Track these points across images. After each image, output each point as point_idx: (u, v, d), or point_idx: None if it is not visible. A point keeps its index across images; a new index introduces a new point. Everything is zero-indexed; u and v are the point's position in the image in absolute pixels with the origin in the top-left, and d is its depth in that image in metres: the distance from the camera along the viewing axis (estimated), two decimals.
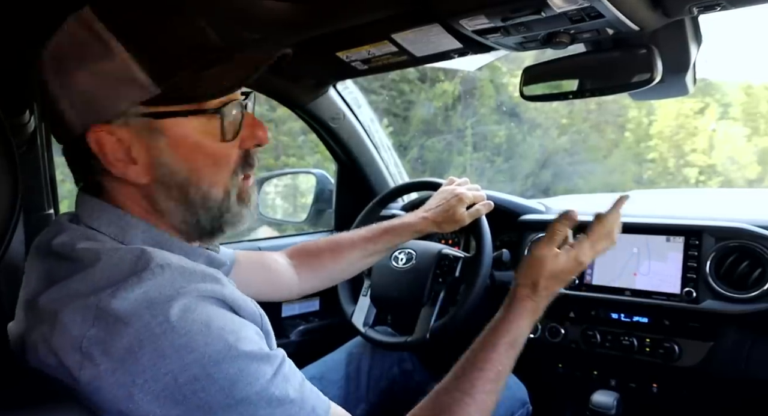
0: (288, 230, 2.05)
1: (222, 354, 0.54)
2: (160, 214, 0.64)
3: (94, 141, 0.60)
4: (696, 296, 1.12)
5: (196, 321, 0.54)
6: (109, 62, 0.58)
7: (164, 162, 0.61)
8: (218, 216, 0.66)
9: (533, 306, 0.81)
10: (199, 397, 0.53)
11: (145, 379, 0.51)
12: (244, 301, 0.61)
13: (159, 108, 0.60)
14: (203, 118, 0.62)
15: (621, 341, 1.21)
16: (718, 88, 7.09)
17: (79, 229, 0.62)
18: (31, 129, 1.06)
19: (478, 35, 0.93)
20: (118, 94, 0.58)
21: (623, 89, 0.99)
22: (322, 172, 1.85)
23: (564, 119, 7.21)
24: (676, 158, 6.94)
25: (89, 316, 0.53)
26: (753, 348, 1.10)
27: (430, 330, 1.20)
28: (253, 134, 0.67)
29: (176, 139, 0.61)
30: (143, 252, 0.57)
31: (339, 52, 1.15)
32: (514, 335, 0.79)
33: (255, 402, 0.55)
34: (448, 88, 6.78)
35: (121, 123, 0.60)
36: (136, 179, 0.62)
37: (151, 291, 0.53)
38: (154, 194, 0.63)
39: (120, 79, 0.58)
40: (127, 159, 0.61)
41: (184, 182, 0.63)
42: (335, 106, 1.56)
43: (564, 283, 0.84)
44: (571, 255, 0.83)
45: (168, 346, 0.52)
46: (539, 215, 1.42)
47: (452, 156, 6.65)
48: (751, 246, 1.09)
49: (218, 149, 0.64)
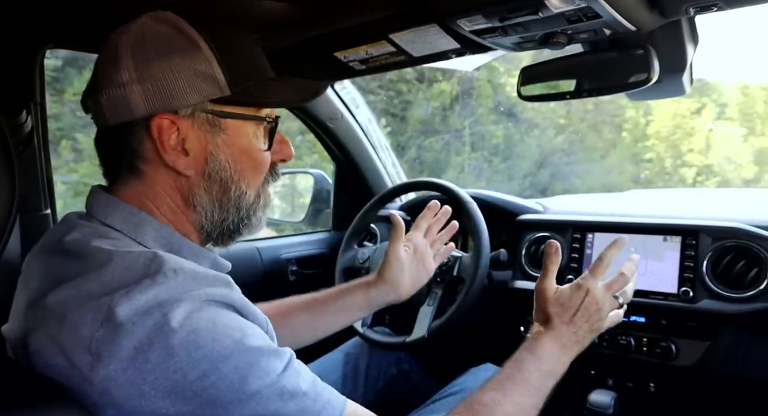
0: (286, 230, 2.05)
1: (230, 350, 0.55)
2: (191, 208, 0.68)
3: (157, 127, 0.63)
4: (693, 295, 1.12)
5: (202, 319, 0.55)
6: (194, 59, 0.64)
7: (216, 157, 0.66)
8: (245, 218, 0.71)
9: (551, 334, 0.82)
10: (210, 393, 0.54)
11: (155, 377, 0.52)
12: (251, 307, 0.62)
13: (225, 108, 0.66)
14: (256, 125, 0.69)
15: (618, 340, 1.21)
16: (714, 88, 7.12)
17: (91, 226, 0.63)
18: (28, 129, 1.06)
19: (476, 35, 0.94)
20: (195, 88, 0.64)
21: (620, 89, 0.99)
22: (320, 172, 1.85)
23: (561, 119, 7.23)
24: (673, 158, 6.96)
25: (99, 316, 0.53)
26: (750, 348, 1.11)
27: (429, 329, 1.20)
28: (281, 149, 0.74)
29: (232, 138, 0.67)
30: (156, 256, 0.58)
31: (337, 52, 1.15)
32: (539, 356, 0.80)
33: (266, 396, 0.56)
34: (446, 89, 6.79)
35: (188, 114, 0.64)
36: (184, 169, 0.65)
37: (163, 294, 0.54)
38: (194, 187, 0.67)
39: (201, 76, 0.64)
40: (180, 149, 0.65)
41: (228, 179, 0.67)
42: (333, 106, 1.56)
43: (582, 314, 0.83)
44: (573, 285, 0.85)
45: (176, 344, 0.53)
46: (537, 214, 1.42)
47: (450, 156, 6.66)
48: (747, 246, 1.09)
49: (261, 155, 0.70)
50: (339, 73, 1.37)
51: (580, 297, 0.84)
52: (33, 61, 1.08)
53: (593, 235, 1.28)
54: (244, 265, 1.54)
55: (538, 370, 0.79)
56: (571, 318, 0.83)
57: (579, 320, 0.83)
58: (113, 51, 0.64)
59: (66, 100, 3.89)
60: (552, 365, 0.80)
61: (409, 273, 1.03)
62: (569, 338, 0.83)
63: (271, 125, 0.71)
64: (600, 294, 0.85)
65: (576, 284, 0.85)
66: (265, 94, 0.68)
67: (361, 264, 1.38)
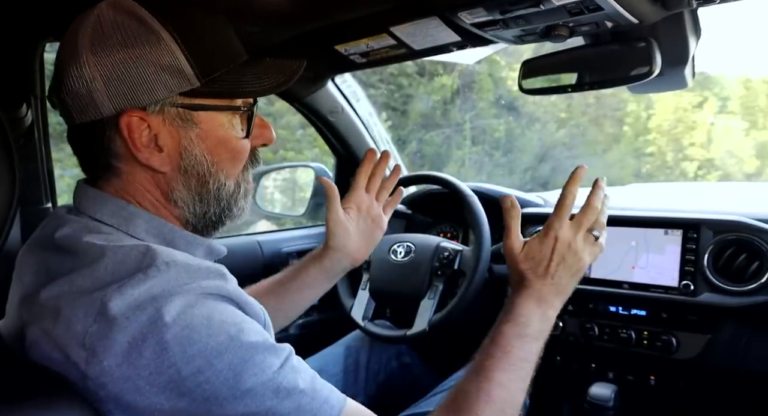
0: (287, 224, 2.05)
1: (224, 346, 0.54)
2: (171, 203, 0.66)
3: (126, 125, 0.61)
4: (694, 289, 1.12)
5: (197, 315, 0.54)
6: (157, 51, 0.60)
7: (191, 152, 0.64)
8: (226, 208, 0.69)
9: (527, 292, 0.76)
10: (204, 389, 0.53)
11: (149, 372, 0.52)
12: (249, 298, 0.61)
13: (195, 100, 0.63)
14: (231, 114, 0.66)
15: (619, 334, 1.22)
16: (716, 81, 7.09)
17: (81, 221, 0.62)
18: (28, 123, 1.06)
19: (477, 28, 0.93)
20: (161, 82, 0.61)
21: (622, 82, 0.99)
22: (320, 165, 1.85)
23: (563, 112, 7.21)
24: (675, 152, 6.95)
25: (92, 311, 0.53)
26: (750, 341, 1.11)
27: (429, 323, 1.20)
28: (261, 133, 0.72)
29: (206, 131, 0.64)
30: (148, 249, 0.57)
31: (337, 46, 1.14)
32: (518, 321, 0.74)
33: (261, 393, 0.55)
34: (447, 82, 6.77)
35: (157, 110, 0.62)
36: (159, 166, 0.63)
37: (155, 288, 0.54)
38: (172, 182, 0.65)
39: (165, 68, 0.60)
40: (153, 146, 0.63)
41: (205, 172, 0.65)
42: (334, 99, 1.56)
43: (557, 263, 0.76)
44: (540, 234, 0.78)
45: (170, 339, 0.52)
46: (538, 208, 1.42)
47: (451, 150, 6.65)
48: (749, 239, 1.09)
49: (239, 144, 0.68)
50: (339, 67, 1.36)
51: (549, 246, 0.76)
52: (33, 55, 1.07)
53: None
54: (245, 259, 1.54)
55: (521, 337, 0.73)
56: (545, 270, 0.76)
57: (555, 269, 0.76)
58: (72, 45, 0.61)
59: None
60: (536, 326, 0.74)
61: (359, 235, 0.97)
62: (548, 291, 0.76)
63: (248, 112, 0.68)
64: (570, 236, 0.76)
65: (542, 233, 0.77)
66: (238, 82, 0.65)
67: None
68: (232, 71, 0.65)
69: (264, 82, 0.67)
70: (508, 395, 0.70)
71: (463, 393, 0.69)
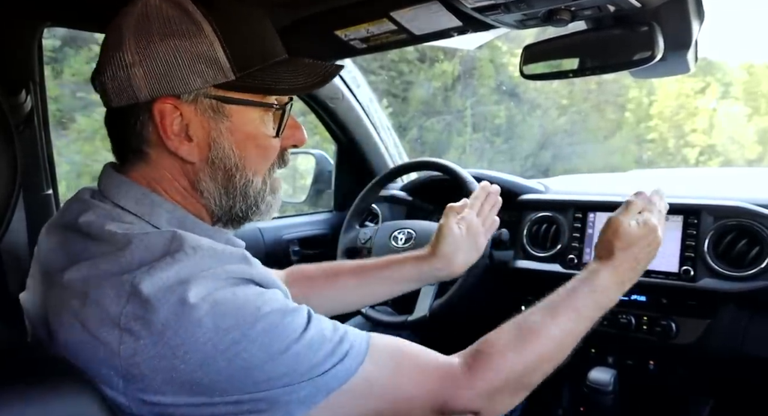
0: (288, 211, 2.05)
1: (254, 315, 0.56)
2: (198, 194, 0.67)
3: (159, 111, 0.62)
4: (694, 274, 1.13)
5: (224, 295, 0.56)
6: (197, 41, 0.61)
7: (220, 144, 0.65)
8: (253, 204, 0.70)
9: (612, 266, 0.81)
10: (243, 358, 0.55)
11: (185, 350, 0.53)
12: (271, 278, 0.63)
13: (231, 94, 0.64)
14: (263, 111, 0.67)
15: (619, 319, 1.22)
16: (719, 67, 7.04)
17: (105, 207, 0.63)
18: (27, 109, 1.05)
19: (478, 13, 0.92)
20: (198, 72, 0.62)
21: (624, 67, 0.98)
22: (321, 152, 1.85)
23: (564, 99, 7.18)
24: (676, 138, 6.92)
25: (123, 293, 0.54)
26: (749, 326, 1.12)
27: (430, 309, 1.21)
28: (293, 134, 0.72)
29: (237, 125, 0.65)
30: (174, 235, 0.58)
31: (337, 31, 1.13)
32: (594, 287, 0.79)
33: (296, 351, 0.57)
34: (448, 69, 6.72)
35: (191, 99, 0.63)
36: (187, 155, 0.64)
37: (183, 271, 0.55)
38: (199, 173, 0.66)
39: (203, 59, 0.62)
40: (183, 135, 0.64)
41: (232, 166, 0.66)
42: (334, 86, 1.55)
43: (642, 249, 0.83)
44: (641, 221, 0.84)
45: (203, 316, 0.54)
46: (538, 194, 1.42)
47: (452, 137, 6.63)
48: (749, 225, 1.09)
49: (268, 142, 0.68)
50: (339, 52, 1.35)
51: (645, 233, 0.83)
52: (31, 40, 1.07)
53: (595, 215, 1.28)
54: (246, 245, 1.54)
55: (591, 299, 0.78)
56: (635, 254, 0.83)
57: (641, 257, 0.83)
58: (117, 32, 0.63)
59: (65, 80, 3.86)
60: (605, 297, 0.80)
61: (465, 251, 1.01)
62: (628, 274, 0.83)
63: (281, 110, 0.69)
64: (660, 228, 0.85)
65: (645, 222, 0.84)
66: (272, 79, 0.66)
67: (362, 244, 1.39)
68: (267, 69, 0.66)
69: (298, 81, 0.67)
70: (566, 338, 0.75)
71: (530, 321, 0.74)
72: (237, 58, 0.63)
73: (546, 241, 1.33)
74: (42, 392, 0.49)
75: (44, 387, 0.50)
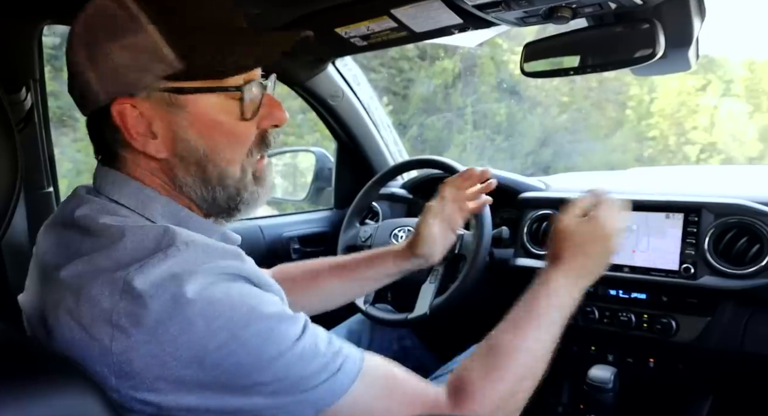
0: (288, 209, 2.05)
1: (248, 317, 0.56)
2: (179, 189, 0.66)
3: (117, 113, 0.61)
4: (694, 272, 1.13)
5: (217, 291, 0.55)
6: (137, 36, 0.59)
7: (184, 138, 0.63)
8: (235, 195, 0.67)
9: (561, 267, 0.80)
10: (231, 360, 0.54)
11: (176, 348, 0.53)
12: (264, 277, 0.62)
13: (182, 83, 0.61)
14: (224, 95, 0.63)
15: (619, 317, 1.22)
16: (720, 64, 7.02)
17: (99, 202, 0.63)
18: (27, 106, 1.05)
19: (479, 10, 0.92)
20: (144, 68, 0.60)
21: (625, 65, 0.98)
22: (321, 150, 1.85)
23: (565, 97, 7.16)
24: (677, 136, 6.91)
25: (116, 289, 0.54)
26: (750, 324, 1.12)
27: (430, 307, 1.21)
28: (271, 114, 0.67)
29: (196, 115, 0.62)
30: (167, 229, 0.58)
31: (338, 28, 1.13)
32: (549, 291, 0.79)
33: (287, 360, 0.57)
34: (448, 66, 6.71)
35: (144, 97, 0.61)
36: (155, 153, 0.63)
37: (176, 266, 0.55)
38: (174, 168, 0.64)
39: (147, 54, 0.59)
40: (148, 133, 0.62)
41: (202, 158, 0.64)
42: (334, 83, 1.55)
43: (591, 244, 0.81)
44: (590, 220, 0.82)
45: (195, 315, 0.53)
46: (539, 192, 1.42)
47: (452, 134, 6.62)
48: (750, 222, 1.09)
49: (237, 128, 0.65)
50: (340, 50, 1.36)
51: (592, 230, 0.81)
52: (31, 38, 1.07)
53: None
54: (247, 243, 1.52)
55: (550, 305, 0.77)
56: (584, 251, 0.81)
57: (591, 252, 0.81)
58: (72, 38, 0.62)
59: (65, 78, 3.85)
60: (564, 299, 0.79)
61: (440, 243, 1.04)
62: (581, 271, 0.81)
63: (258, 90, 0.65)
64: (609, 221, 0.82)
65: (590, 217, 0.83)
66: (222, 60, 0.61)
67: (363, 242, 1.39)
68: (221, 50, 0.61)
69: (245, 59, 0.62)
70: (538, 351, 0.74)
71: (498, 344, 0.73)
72: (180, 46, 0.59)
73: (546, 239, 1.33)
74: (46, 389, 0.49)
75: (48, 385, 0.50)
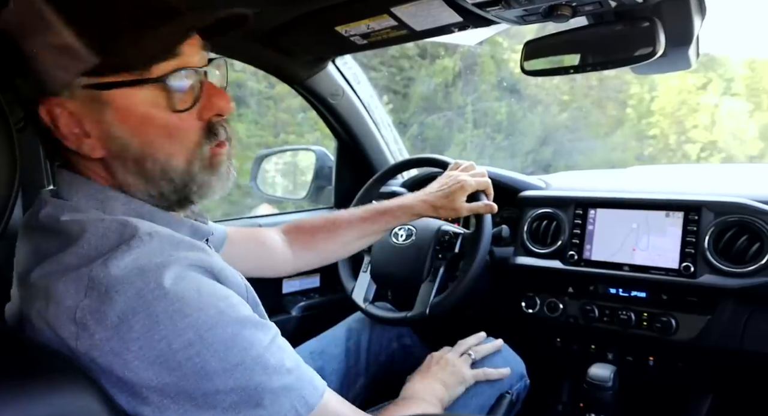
0: (288, 208, 2.05)
1: (215, 319, 0.54)
2: (124, 186, 0.63)
3: (46, 113, 0.59)
4: (694, 270, 1.13)
5: (187, 288, 0.54)
6: (48, 34, 0.55)
7: (115, 135, 0.59)
8: (182, 187, 0.64)
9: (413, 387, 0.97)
10: (194, 362, 0.53)
11: (139, 346, 0.52)
12: (229, 271, 0.61)
13: (102, 79, 0.57)
14: (150, 88, 0.59)
15: (619, 315, 1.22)
16: (721, 63, 7.01)
17: (61, 202, 0.62)
18: None
19: (479, 8, 0.92)
20: (60, 65, 0.56)
21: (625, 63, 0.98)
22: (321, 149, 1.85)
23: (565, 95, 7.15)
24: (678, 135, 6.90)
25: (81, 286, 0.53)
26: (749, 322, 1.12)
27: (430, 305, 1.21)
28: (211, 104, 0.63)
29: (123, 111, 0.59)
30: (128, 221, 0.57)
31: (338, 27, 1.13)
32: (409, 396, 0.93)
33: (251, 368, 0.55)
34: (449, 65, 6.70)
35: (68, 95, 0.58)
36: (90, 152, 0.60)
37: (141, 259, 0.54)
38: (112, 167, 0.62)
39: (60, 50, 0.56)
40: (81, 132, 0.60)
41: (138, 154, 0.60)
42: (334, 82, 1.55)
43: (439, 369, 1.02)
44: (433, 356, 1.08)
45: (161, 312, 0.52)
46: (539, 191, 1.42)
47: (452, 133, 6.61)
48: (749, 221, 1.09)
49: (170, 120, 0.61)
50: (340, 48, 1.35)
51: (435, 361, 1.05)
52: None
53: (595, 211, 1.28)
54: None
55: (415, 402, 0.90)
56: (427, 371, 1.02)
57: (434, 371, 1.01)
58: None
59: None
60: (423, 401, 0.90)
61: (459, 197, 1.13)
62: (425, 381, 0.98)
63: (165, 82, 0.59)
64: (449, 356, 1.07)
65: (429, 356, 1.08)
66: (134, 50, 0.56)
67: None
68: (132, 39, 0.56)
69: (170, 40, 0.58)
70: None
71: None
72: (93, 40, 0.55)
73: (546, 237, 1.33)
74: (45, 388, 0.49)
75: (48, 383, 0.50)
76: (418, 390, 0.94)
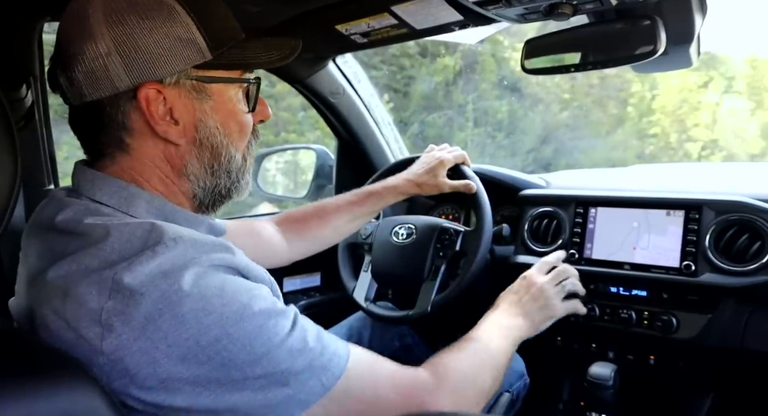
0: (289, 207, 2.05)
1: (239, 313, 0.56)
2: (183, 178, 0.67)
3: (144, 98, 0.62)
4: (695, 269, 1.12)
5: (209, 286, 0.56)
6: (171, 23, 0.62)
7: (206, 124, 0.66)
8: (235, 181, 0.71)
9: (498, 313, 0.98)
10: (222, 356, 0.55)
11: (168, 345, 0.53)
12: (255, 268, 0.63)
13: (209, 72, 0.65)
14: (239, 87, 0.69)
15: (619, 314, 1.22)
16: (722, 61, 7.00)
17: (81, 203, 0.62)
18: (28, 104, 1.05)
19: (479, 6, 0.92)
20: (178, 55, 0.62)
21: (626, 61, 0.98)
22: (322, 148, 1.85)
23: (566, 94, 7.15)
24: (679, 133, 6.90)
25: (105, 289, 0.54)
26: (750, 321, 1.12)
27: (431, 304, 1.21)
28: (262, 110, 0.74)
29: (219, 103, 0.67)
30: (154, 226, 0.58)
31: (338, 25, 1.13)
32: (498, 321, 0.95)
33: (276, 355, 0.58)
34: (449, 63, 6.71)
35: (173, 82, 0.63)
36: (176, 138, 0.65)
37: (165, 263, 0.55)
38: (186, 155, 0.67)
39: (182, 42, 0.62)
40: (169, 119, 0.64)
41: (218, 144, 0.67)
42: (335, 81, 1.55)
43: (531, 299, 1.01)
44: (520, 278, 1.06)
45: (186, 311, 0.54)
46: (540, 190, 1.42)
47: (453, 132, 6.62)
48: (751, 220, 1.09)
49: (245, 118, 0.71)
50: (341, 47, 1.35)
51: (523, 285, 1.04)
52: (31, 35, 1.06)
53: (596, 210, 1.27)
54: None
55: (485, 332, 0.90)
56: (518, 301, 1.01)
57: (526, 302, 1.00)
58: (83, 20, 0.61)
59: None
60: (501, 334, 0.91)
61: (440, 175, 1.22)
62: (513, 312, 0.98)
63: (254, 86, 0.71)
64: (542, 282, 1.04)
65: (521, 277, 1.06)
66: (245, 56, 0.68)
67: (363, 240, 1.39)
68: (237, 46, 0.67)
69: (271, 55, 0.69)
70: (492, 351, 0.87)
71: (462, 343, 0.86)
72: (212, 38, 0.64)
73: (547, 236, 1.33)
74: (48, 386, 0.49)
75: (51, 382, 0.50)
76: (496, 328, 0.92)
